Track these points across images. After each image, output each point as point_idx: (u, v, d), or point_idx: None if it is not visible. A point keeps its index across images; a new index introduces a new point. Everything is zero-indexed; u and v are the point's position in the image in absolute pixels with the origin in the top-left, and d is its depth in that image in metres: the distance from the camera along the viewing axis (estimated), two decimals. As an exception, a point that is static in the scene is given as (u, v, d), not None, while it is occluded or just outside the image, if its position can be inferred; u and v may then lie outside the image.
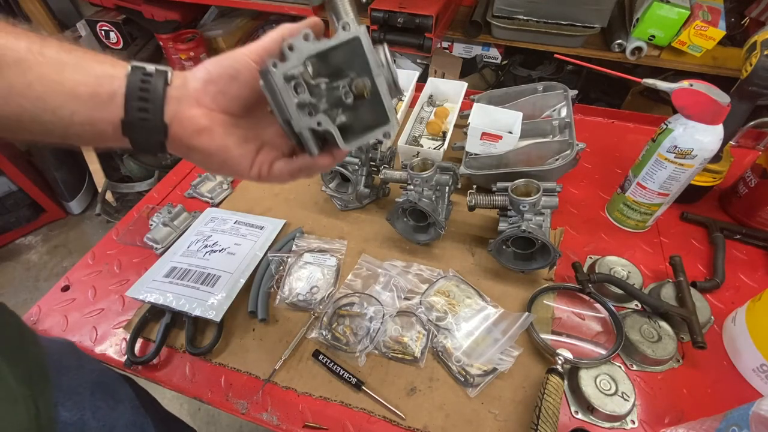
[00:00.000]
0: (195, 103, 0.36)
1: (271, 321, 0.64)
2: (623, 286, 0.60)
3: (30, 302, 1.82)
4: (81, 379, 0.52)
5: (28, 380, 0.43)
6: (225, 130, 0.37)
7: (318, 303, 0.64)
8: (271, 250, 0.72)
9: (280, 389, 0.56)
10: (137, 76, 0.33)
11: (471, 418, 0.53)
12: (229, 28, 1.81)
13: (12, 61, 0.30)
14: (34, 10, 1.81)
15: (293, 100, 0.34)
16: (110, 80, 0.33)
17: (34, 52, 0.31)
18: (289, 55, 0.33)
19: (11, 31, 0.31)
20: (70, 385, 0.50)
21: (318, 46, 0.33)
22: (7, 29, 0.31)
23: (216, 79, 0.36)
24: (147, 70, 0.34)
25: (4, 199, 1.91)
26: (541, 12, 1.23)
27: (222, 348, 0.61)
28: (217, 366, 0.59)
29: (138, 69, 0.34)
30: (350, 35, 0.33)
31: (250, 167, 0.39)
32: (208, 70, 0.36)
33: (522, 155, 0.75)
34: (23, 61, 0.31)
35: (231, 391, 0.57)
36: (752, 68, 0.59)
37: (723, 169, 0.73)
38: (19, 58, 0.31)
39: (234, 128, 0.37)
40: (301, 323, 0.63)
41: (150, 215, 0.79)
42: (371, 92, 0.35)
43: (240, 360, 0.59)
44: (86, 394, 0.51)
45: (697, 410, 0.53)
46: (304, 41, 0.33)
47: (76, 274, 0.73)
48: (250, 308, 0.64)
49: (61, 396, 0.48)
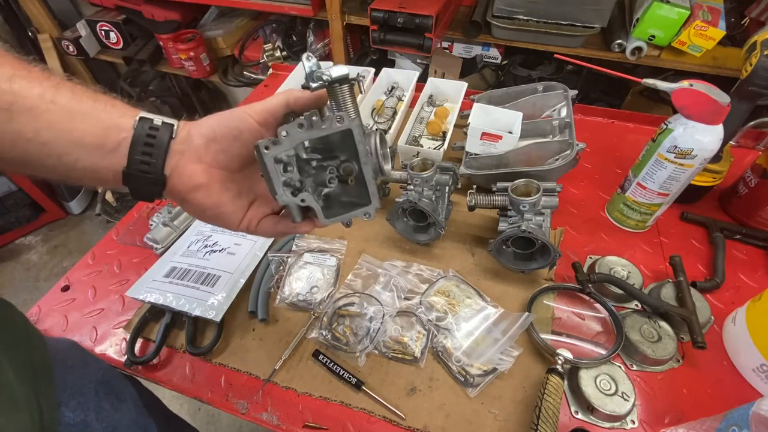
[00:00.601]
0: (196, 159, 0.36)
1: (271, 321, 0.64)
2: (623, 286, 0.60)
3: (30, 302, 1.82)
4: (86, 378, 0.52)
5: (32, 382, 0.43)
6: (221, 186, 0.38)
7: (318, 303, 0.64)
8: (271, 250, 0.72)
9: (280, 389, 0.56)
10: (144, 129, 0.34)
11: (471, 418, 0.53)
12: (229, 28, 1.81)
13: (24, 109, 0.31)
14: (34, 10, 1.81)
15: (280, 179, 0.36)
16: (117, 131, 0.34)
17: (46, 101, 0.31)
18: (282, 140, 0.35)
19: (26, 75, 0.31)
20: (75, 384, 0.50)
21: (311, 134, 0.36)
22: (23, 73, 0.31)
23: (219, 139, 0.37)
24: (154, 123, 0.35)
25: (4, 199, 1.91)
26: (541, 12, 1.22)
27: (222, 348, 0.61)
28: (217, 366, 0.59)
29: (145, 121, 0.34)
30: (343, 127, 0.36)
31: (239, 222, 0.41)
32: (212, 129, 0.37)
33: (522, 155, 0.75)
34: (34, 108, 0.31)
35: (231, 391, 0.57)
36: (752, 68, 0.59)
37: (723, 169, 0.73)
38: (31, 105, 0.31)
39: (230, 183, 0.39)
40: (301, 323, 0.63)
41: (150, 215, 0.79)
42: (357, 177, 0.39)
43: (240, 360, 0.59)
44: (90, 394, 0.51)
45: (697, 410, 0.53)
46: (299, 129, 0.35)
47: (76, 274, 0.73)
48: (250, 308, 0.64)
49: (65, 396, 0.48)
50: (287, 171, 0.36)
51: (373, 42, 1.40)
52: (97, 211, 1.99)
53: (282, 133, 0.35)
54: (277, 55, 1.67)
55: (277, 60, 1.66)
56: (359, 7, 1.46)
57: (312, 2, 1.43)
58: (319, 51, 1.65)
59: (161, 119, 0.35)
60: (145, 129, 0.34)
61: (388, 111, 1.00)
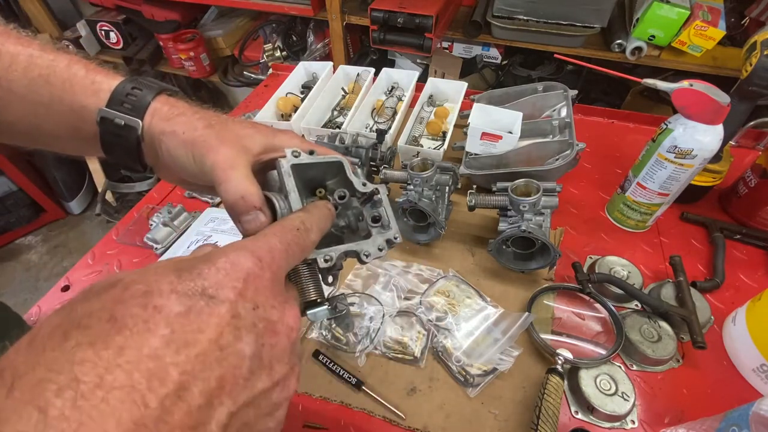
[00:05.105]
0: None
1: (271, 321, 0.64)
2: (623, 286, 0.60)
3: (30, 302, 1.82)
4: None
5: None
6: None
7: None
8: (271, 250, 0.71)
9: (280, 389, 0.56)
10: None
11: (471, 418, 0.53)
12: (229, 28, 1.81)
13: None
14: (34, 10, 1.81)
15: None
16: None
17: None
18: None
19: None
20: None
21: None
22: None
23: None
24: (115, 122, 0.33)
25: (4, 199, 1.91)
26: (541, 12, 1.22)
27: (222, 348, 0.61)
28: (217, 366, 0.59)
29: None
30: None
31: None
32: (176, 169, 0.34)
33: (522, 155, 0.75)
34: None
35: (231, 391, 0.57)
36: (752, 68, 0.59)
37: (723, 169, 0.73)
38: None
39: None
40: (301, 323, 0.63)
41: (150, 215, 0.79)
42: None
43: (240, 360, 0.59)
44: None
45: (697, 410, 0.53)
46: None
47: (76, 274, 0.73)
48: (250, 308, 0.63)
49: None
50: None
51: (373, 42, 1.40)
52: (97, 211, 2.00)
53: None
54: (277, 55, 1.68)
55: (277, 60, 1.66)
56: (359, 7, 1.46)
57: (312, 2, 1.43)
58: (319, 51, 1.65)
59: (123, 120, 0.33)
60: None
61: (388, 111, 1.00)
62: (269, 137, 0.34)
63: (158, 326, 0.19)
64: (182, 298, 0.20)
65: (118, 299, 0.19)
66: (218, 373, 0.20)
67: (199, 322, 0.20)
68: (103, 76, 0.33)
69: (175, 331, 0.19)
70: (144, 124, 0.32)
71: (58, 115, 0.33)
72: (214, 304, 0.21)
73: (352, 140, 0.76)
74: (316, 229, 0.29)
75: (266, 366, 0.23)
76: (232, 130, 0.33)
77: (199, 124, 0.32)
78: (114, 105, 0.32)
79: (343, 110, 1.03)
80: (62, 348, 0.17)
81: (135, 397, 0.17)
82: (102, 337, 0.18)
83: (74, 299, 0.20)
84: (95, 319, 0.18)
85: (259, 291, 0.23)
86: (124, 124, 0.32)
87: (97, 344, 0.17)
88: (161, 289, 0.20)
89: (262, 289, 0.23)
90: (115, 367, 0.17)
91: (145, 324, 0.19)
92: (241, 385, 0.21)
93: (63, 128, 0.34)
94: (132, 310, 0.19)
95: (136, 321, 0.19)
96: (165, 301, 0.20)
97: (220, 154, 0.30)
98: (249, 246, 0.24)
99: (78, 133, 0.34)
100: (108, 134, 0.33)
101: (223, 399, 0.20)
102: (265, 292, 0.23)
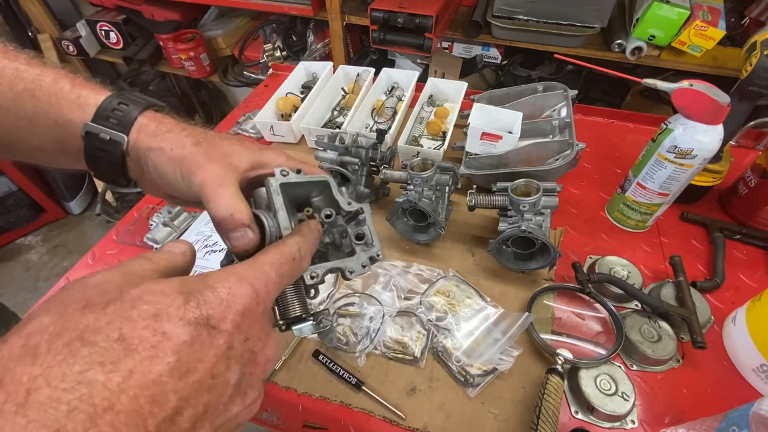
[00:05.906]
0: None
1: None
2: (623, 286, 0.60)
3: (30, 302, 1.82)
4: None
5: None
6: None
7: (318, 303, 0.64)
8: (271, 250, 0.72)
9: (280, 389, 0.56)
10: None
11: (471, 418, 0.53)
12: (229, 28, 1.81)
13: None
14: (34, 10, 1.81)
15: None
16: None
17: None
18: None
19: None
20: None
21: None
22: None
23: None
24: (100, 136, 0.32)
25: (4, 199, 1.91)
26: (541, 12, 1.22)
27: (222, 348, 0.61)
28: (217, 366, 0.59)
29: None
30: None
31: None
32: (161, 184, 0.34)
33: (522, 155, 0.75)
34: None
35: (231, 391, 0.57)
36: (752, 68, 0.59)
37: (723, 169, 0.73)
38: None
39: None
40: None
41: (150, 215, 0.79)
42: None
43: (240, 360, 0.59)
44: None
45: (697, 410, 0.53)
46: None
47: (76, 274, 0.73)
48: (250, 308, 0.63)
49: None
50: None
51: (373, 42, 1.40)
52: (97, 211, 2.00)
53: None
54: (277, 55, 1.68)
55: (277, 60, 1.66)
56: (359, 7, 1.46)
57: (312, 2, 1.43)
58: (319, 51, 1.65)
59: (107, 136, 0.32)
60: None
61: (388, 111, 1.00)
62: (256, 154, 0.35)
63: (166, 354, 0.20)
64: (188, 327, 0.21)
65: (126, 317, 0.20)
66: (206, 400, 0.21)
67: (201, 353, 0.21)
68: (89, 90, 0.33)
69: (180, 360, 0.20)
70: (130, 139, 0.32)
71: (43, 129, 0.33)
72: (215, 335, 0.22)
73: (352, 140, 0.76)
74: (309, 255, 0.31)
75: (242, 392, 0.24)
76: (220, 147, 0.33)
77: (187, 141, 0.32)
78: (99, 120, 0.32)
79: (343, 110, 1.03)
80: (68, 364, 0.18)
81: (137, 421, 0.18)
82: (111, 358, 0.19)
83: (64, 300, 0.21)
84: (103, 337, 0.19)
85: (251, 325, 0.24)
86: (109, 139, 0.32)
87: (106, 365, 0.18)
88: (170, 314, 0.21)
89: (253, 323, 0.25)
90: (121, 392, 0.18)
91: (154, 349, 0.20)
92: (220, 410, 0.22)
93: (48, 142, 0.34)
94: (141, 333, 0.20)
95: (145, 345, 0.19)
96: (173, 328, 0.21)
97: (208, 171, 0.31)
98: (249, 278, 0.25)
99: (63, 147, 0.34)
100: (92, 149, 0.33)
101: (205, 423, 0.21)
102: (255, 326, 0.25)
